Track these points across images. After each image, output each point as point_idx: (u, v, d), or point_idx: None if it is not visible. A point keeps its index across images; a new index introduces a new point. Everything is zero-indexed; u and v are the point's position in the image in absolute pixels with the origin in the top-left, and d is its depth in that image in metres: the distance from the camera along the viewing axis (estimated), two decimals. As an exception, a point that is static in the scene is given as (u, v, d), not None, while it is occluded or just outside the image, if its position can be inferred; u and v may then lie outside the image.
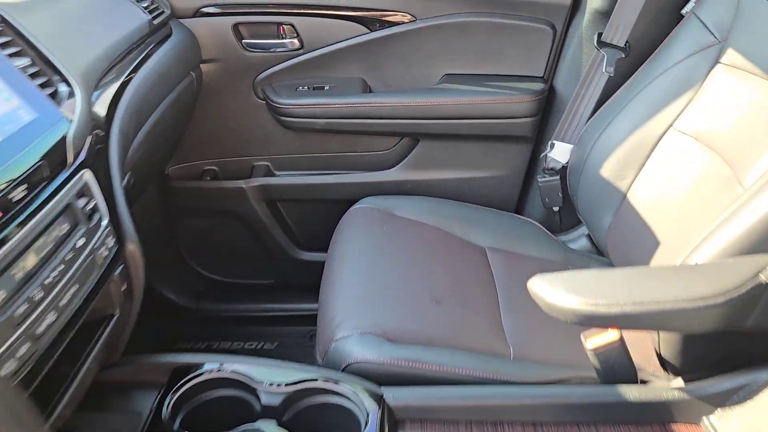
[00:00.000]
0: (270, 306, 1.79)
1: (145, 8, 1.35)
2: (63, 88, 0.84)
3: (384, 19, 1.53)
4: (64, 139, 0.75)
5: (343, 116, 1.54)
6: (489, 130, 1.55)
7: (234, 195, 1.67)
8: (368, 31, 1.54)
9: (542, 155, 1.54)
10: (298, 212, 1.74)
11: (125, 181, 0.99)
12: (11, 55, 0.79)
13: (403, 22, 1.53)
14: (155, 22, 1.35)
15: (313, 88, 1.58)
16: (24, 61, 0.78)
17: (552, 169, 1.53)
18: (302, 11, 1.52)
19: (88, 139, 0.83)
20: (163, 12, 1.42)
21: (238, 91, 1.60)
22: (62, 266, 0.73)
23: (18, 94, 0.71)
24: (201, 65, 1.55)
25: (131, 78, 1.13)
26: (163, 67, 1.30)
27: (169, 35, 1.41)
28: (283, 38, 1.55)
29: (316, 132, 1.62)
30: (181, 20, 1.50)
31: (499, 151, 1.61)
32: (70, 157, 0.75)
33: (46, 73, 0.83)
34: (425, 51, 1.55)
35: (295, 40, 1.55)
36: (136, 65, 1.18)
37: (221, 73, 1.57)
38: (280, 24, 1.53)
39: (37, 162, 0.69)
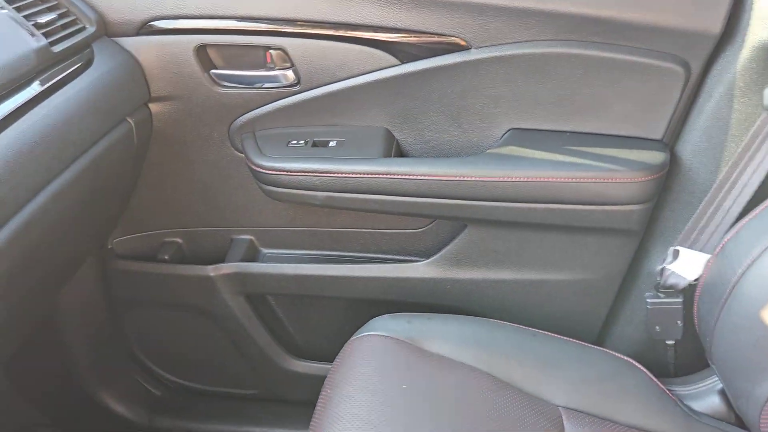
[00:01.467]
0: (248, 429, 1.30)
1: (45, 25, 0.86)
2: None
3: (423, 44, 1.01)
4: None
5: (353, 190, 1.02)
6: (574, 220, 1.01)
7: (197, 285, 1.18)
8: (398, 62, 1.02)
9: (659, 268, 1.00)
10: (288, 308, 1.25)
11: None
12: None
13: (452, 51, 1.00)
14: (58, 48, 0.86)
15: (313, 143, 1.06)
16: None
17: (671, 287, 0.99)
18: (299, 30, 1.00)
19: None
20: (81, 29, 0.93)
21: (207, 139, 1.11)
22: None
23: None
24: (150, 105, 1.06)
25: None
26: (63, 120, 0.82)
27: (87, 64, 0.92)
28: (271, 68, 1.05)
29: (317, 201, 1.11)
30: (117, 39, 1.01)
31: (586, 249, 1.07)
32: None
33: None
34: (483, 94, 1.02)
35: (289, 72, 1.04)
36: None
37: (182, 115, 1.07)
38: (267, 48, 1.03)
39: None
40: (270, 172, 1.03)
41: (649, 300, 1.01)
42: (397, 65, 1.02)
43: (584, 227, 1.02)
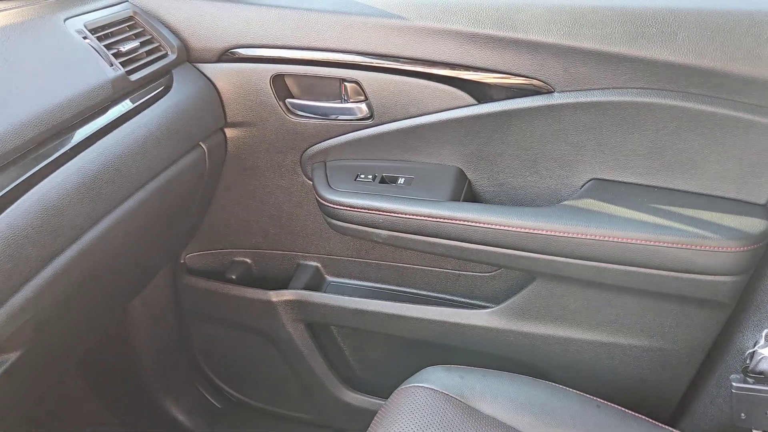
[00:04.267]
0: (300, 454, 1.30)
1: (126, 54, 0.88)
2: None
3: (502, 85, 0.95)
4: None
5: (417, 232, 0.99)
6: (654, 286, 0.92)
7: (259, 309, 1.19)
8: (475, 101, 0.97)
9: (749, 351, 0.89)
10: (348, 339, 1.23)
11: None
12: None
13: (532, 94, 0.94)
14: (136, 76, 0.88)
15: (382, 179, 1.04)
16: None
17: (762, 373, 0.88)
18: (375, 64, 0.98)
19: None
20: (162, 57, 0.95)
21: (280, 166, 1.11)
22: None
23: None
24: (225, 130, 1.07)
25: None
26: (138, 145, 0.84)
27: (166, 91, 0.94)
28: (345, 101, 1.03)
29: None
30: (197, 65, 1.03)
31: (667, 316, 0.97)
32: None
33: None
34: (564, 140, 0.95)
35: (363, 105, 1.02)
36: (55, 160, 0.72)
37: (256, 141, 1.08)
38: (342, 80, 1.01)
39: None
40: (335, 206, 1.01)
41: (735, 384, 0.90)
42: (473, 105, 0.97)
43: (666, 294, 0.93)
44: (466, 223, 0.95)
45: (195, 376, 1.35)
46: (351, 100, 1.02)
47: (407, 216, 0.97)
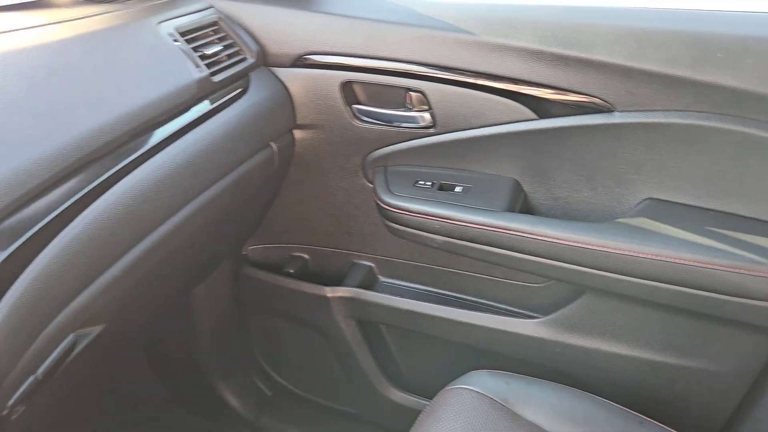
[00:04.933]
0: (344, 447, 1.35)
1: (211, 56, 0.95)
2: None
3: (564, 102, 0.98)
4: None
5: (472, 240, 1.02)
6: (705, 308, 0.93)
7: (314, 303, 1.24)
8: (536, 117, 1.00)
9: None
10: (397, 338, 1.27)
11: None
12: None
13: (593, 112, 0.96)
14: (218, 78, 0.95)
15: (440, 186, 1.07)
16: None
17: (811, 402, 0.88)
18: (440, 76, 1.02)
19: None
20: (242, 60, 1.02)
21: (342, 167, 1.16)
22: None
23: None
24: (294, 131, 1.13)
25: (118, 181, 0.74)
26: (216, 143, 0.90)
27: (243, 92, 1.01)
28: (410, 109, 1.07)
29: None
30: (273, 69, 1.09)
31: (717, 338, 0.98)
32: None
33: None
34: (622, 159, 0.97)
35: (426, 114, 1.06)
36: (143, 154, 0.78)
37: (322, 143, 1.14)
38: (407, 89, 1.06)
39: None
40: (394, 210, 1.06)
41: (782, 410, 0.91)
42: (534, 119, 1.00)
43: (714, 316, 0.94)
44: (520, 234, 0.97)
45: (248, 363, 1.42)
46: (415, 109, 1.07)
47: (463, 224, 1.00)
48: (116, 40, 0.83)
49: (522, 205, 1.06)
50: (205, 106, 0.92)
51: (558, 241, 0.96)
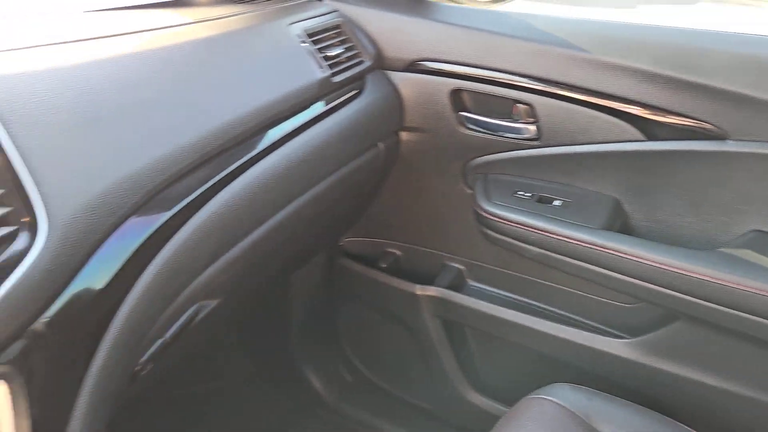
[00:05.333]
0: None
1: (333, 57, 1.01)
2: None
3: (673, 125, 0.97)
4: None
5: (568, 255, 1.03)
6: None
7: (403, 299, 1.28)
8: (643, 138, 1.00)
9: None
10: (480, 342, 1.30)
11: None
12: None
13: (703, 138, 0.95)
14: (338, 78, 1.01)
15: (539, 198, 1.09)
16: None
17: None
18: (550, 90, 1.03)
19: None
20: (360, 63, 1.07)
21: (443, 171, 1.20)
22: None
23: None
24: (400, 133, 1.18)
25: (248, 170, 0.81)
26: (331, 140, 0.96)
27: (358, 93, 1.06)
28: (516, 120, 1.10)
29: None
30: (387, 72, 1.13)
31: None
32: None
33: (7, 201, 0.53)
34: (731, 188, 0.96)
35: (532, 127, 1.08)
36: (267, 147, 0.85)
37: (426, 146, 1.18)
38: (516, 101, 1.08)
39: None
40: (492, 217, 1.08)
41: None
42: (641, 141, 1.00)
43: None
44: (618, 253, 0.98)
45: (334, 349, 1.48)
46: (521, 121, 1.09)
47: (560, 238, 1.02)
48: (253, 39, 0.91)
49: (621, 224, 1.06)
50: (323, 105, 0.98)
51: (656, 264, 0.96)
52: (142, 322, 0.65)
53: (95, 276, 0.59)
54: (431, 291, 1.25)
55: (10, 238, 0.52)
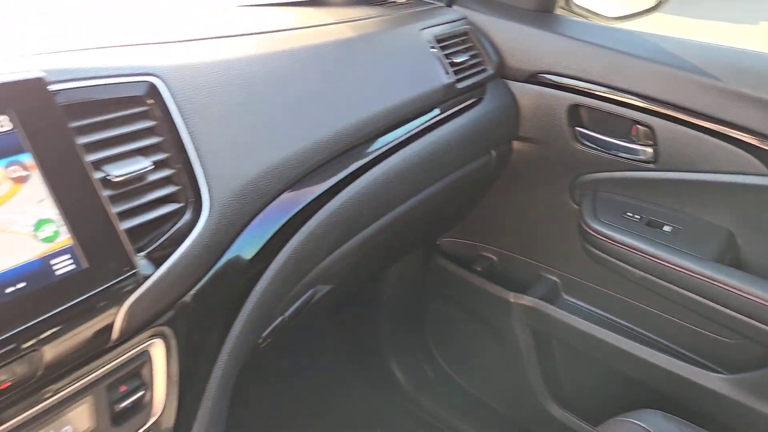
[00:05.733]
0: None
1: (458, 64, 1.04)
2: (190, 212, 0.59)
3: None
4: (122, 300, 0.51)
5: (673, 282, 1.02)
6: None
7: (495, 304, 1.30)
8: (766, 172, 0.97)
9: None
10: (568, 356, 1.30)
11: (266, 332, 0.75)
12: (141, 150, 0.57)
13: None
14: (462, 84, 1.04)
15: (648, 222, 1.08)
16: (139, 165, 0.56)
17: None
18: (674, 114, 1.02)
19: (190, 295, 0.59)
20: (483, 71, 1.10)
21: (551, 184, 1.20)
22: None
23: (75, 227, 0.49)
24: (514, 142, 1.19)
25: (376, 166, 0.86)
26: (449, 144, 1.00)
27: (479, 101, 1.09)
28: (633, 141, 1.09)
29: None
30: (507, 82, 1.15)
31: None
32: (116, 332, 0.51)
33: (177, 181, 0.59)
34: None
35: (649, 149, 1.07)
36: (392, 147, 0.89)
37: (537, 158, 1.19)
38: (635, 122, 1.07)
39: (25, 352, 0.46)
40: (598, 236, 1.09)
41: None
42: (764, 175, 0.97)
43: None
44: (726, 287, 0.96)
45: (419, 344, 1.52)
46: (639, 142, 1.08)
47: (667, 264, 1.01)
48: (388, 42, 0.95)
49: (732, 258, 1.04)
50: (445, 109, 1.01)
51: (765, 303, 0.93)
52: (272, 299, 0.71)
53: (239, 255, 0.65)
54: (525, 300, 1.26)
55: (179, 213, 0.59)
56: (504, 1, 1.16)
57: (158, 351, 0.57)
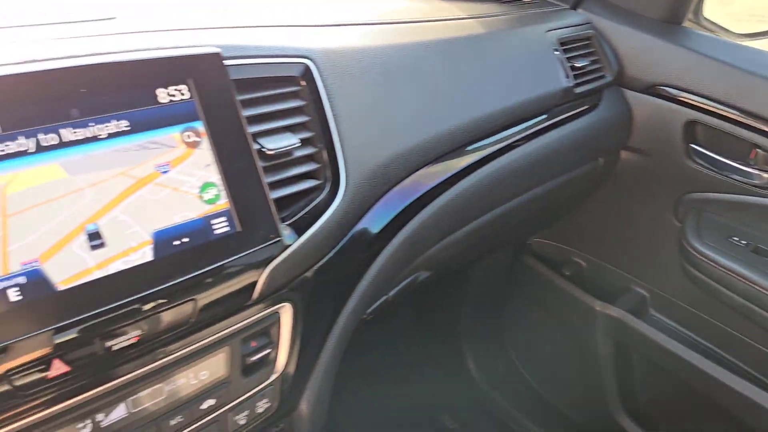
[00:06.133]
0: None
1: (578, 69, 1.04)
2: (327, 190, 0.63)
3: None
4: (265, 264, 0.55)
5: None
6: None
7: (580, 310, 1.30)
8: None
9: None
10: (647, 374, 1.28)
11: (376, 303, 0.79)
12: (290, 128, 0.61)
13: None
14: (580, 89, 1.04)
15: (756, 249, 1.05)
16: (289, 141, 0.60)
17: None
18: (799, 142, 0.99)
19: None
20: (602, 77, 1.09)
21: (654, 197, 1.19)
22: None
23: (233, 192, 0.54)
24: (622, 151, 1.18)
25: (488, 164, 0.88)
26: (561, 148, 1.00)
27: (594, 107, 1.08)
28: (750, 165, 1.06)
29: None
30: (624, 90, 1.14)
31: None
32: (256, 292, 0.56)
33: (318, 159, 0.63)
34: None
35: (766, 175, 1.04)
36: (507, 145, 0.91)
37: (644, 170, 1.17)
38: (755, 146, 1.04)
39: (184, 300, 0.51)
40: (700, 257, 1.07)
41: None
42: None
43: None
44: None
45: (495, 339, 1.54)
46: (756, 166, 1.05)
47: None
48: (515, 41, 0.96)
49: None
50: (560, 112, 1.02)
51: None
52: (383, 279, 0.74)
53: (362, 234, 0.69)
54: (611, 311, 1.26)
55: (316, 189, 0.63)
56: (631, 9, 1.14)
57: (286, 314, 0.62)
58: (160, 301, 0.50)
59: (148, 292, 0.49)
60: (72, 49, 0.50)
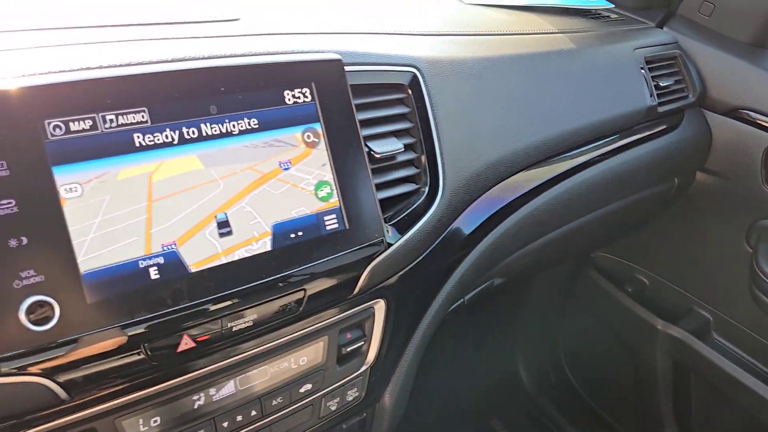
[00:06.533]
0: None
1: (662, 88, 1.04)
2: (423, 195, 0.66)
3: None
4: (368, 261, 0.59)
5: None
6: None
7: (641, 327, 1.30)
8: None
9: None
10: (707, 398, 1.28)
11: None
12: (394, 133, 0.64)
13: None
14: (663, 109, 1.04)
15: (827, 280, 1.04)
16: (395, 146, 0.63)
17: None
18: None
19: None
20: (684, 97, 1.09)
21: (726, 222, 1.18)
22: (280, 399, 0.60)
23: (343, 191, 0.57)
24: (698, 173, 1.18)
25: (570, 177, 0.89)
26: (640, 166, 1.01)
27: (674, 127, 1.08)
28: (832, 195, 1.05)
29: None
30: (705, 112, 1.14)
31: None
32: (358, 287, 0.59)
33: (418, 164, 0.66)
34: None
35: None
36: (589, 160, 0.92)
37: (719, 193, 1.17)
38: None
39: (296, 289, 0.55)
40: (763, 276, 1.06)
41: None
42: None
43: None
44: None
45: (549, 348, 1.55)
46: (838, 198, 1.04)
47: None
48: (602, 58, 0.97)
49: None
50: (641, 130, 1.02)
51: None
52: (465, 282, 0.77)
53: (452, 238, 0.72)
54: (673, 331, 1.25)
55: (415, 193, 0.66)
56: (718, 31, 1.13)
57: (380, 309, 0.65)
58: (277, 288, 0.53)
59: (267, 279, 0.53)
60: (209, 50, 0.54)
